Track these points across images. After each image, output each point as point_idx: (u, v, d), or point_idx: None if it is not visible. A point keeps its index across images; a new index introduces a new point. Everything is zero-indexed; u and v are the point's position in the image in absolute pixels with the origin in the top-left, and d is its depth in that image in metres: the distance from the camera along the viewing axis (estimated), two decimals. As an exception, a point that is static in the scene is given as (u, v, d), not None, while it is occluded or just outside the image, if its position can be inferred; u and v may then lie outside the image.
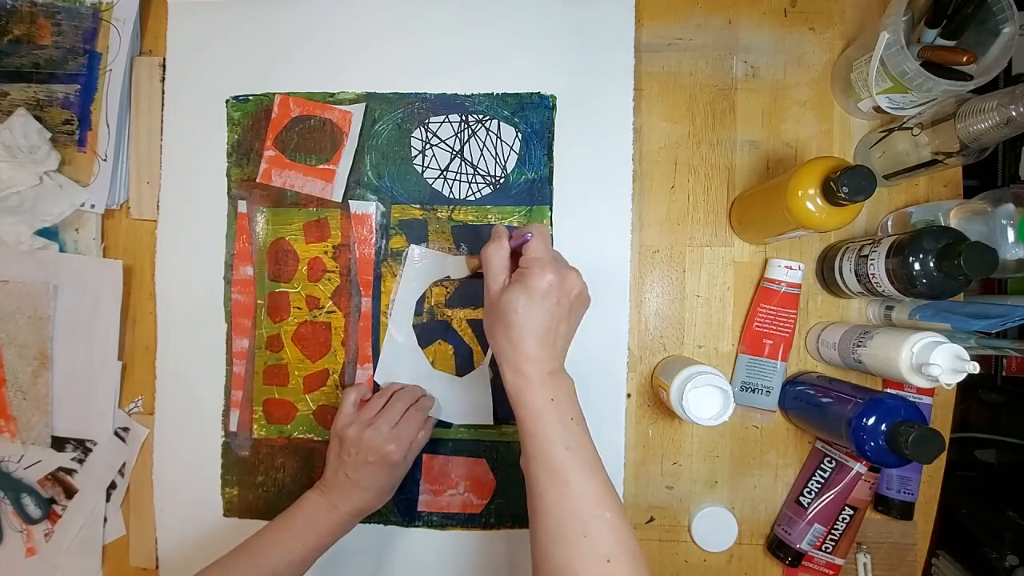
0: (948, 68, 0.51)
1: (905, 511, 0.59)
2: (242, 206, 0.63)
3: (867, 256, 0.52)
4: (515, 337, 0.44)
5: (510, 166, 0.62)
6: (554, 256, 0.47)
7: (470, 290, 0.62)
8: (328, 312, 0.62)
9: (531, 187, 0.61)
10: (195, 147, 0.63)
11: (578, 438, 0.43)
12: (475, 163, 0.62)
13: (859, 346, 0.53)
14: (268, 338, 0.63)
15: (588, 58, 0.61)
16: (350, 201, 0.62)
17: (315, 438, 0.63)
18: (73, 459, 0.64)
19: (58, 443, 0.64)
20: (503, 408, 0.62)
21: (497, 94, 0.62)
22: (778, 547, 0.59)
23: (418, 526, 0.62)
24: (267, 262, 0.63)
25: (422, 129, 0.62)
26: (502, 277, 0.46)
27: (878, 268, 0.50)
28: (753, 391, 0.60)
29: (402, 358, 0.62)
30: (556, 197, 0.61)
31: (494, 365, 0.62)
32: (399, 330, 0.62)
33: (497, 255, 0.47)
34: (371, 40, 0.63)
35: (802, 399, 0.58)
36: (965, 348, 0.47)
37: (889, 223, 0.59)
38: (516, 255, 0.48)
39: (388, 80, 0.62)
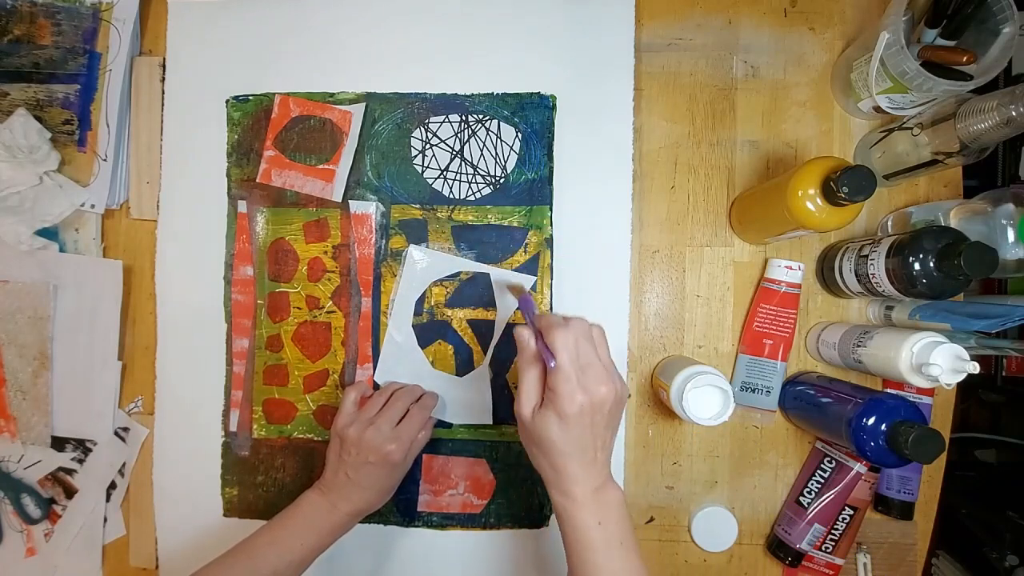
0: (948, 68, 0.51)
1: (905, 511, 0.59)
2: (242, 206, 0.63)
3: (867, 256, 0.52)
4: (556, 463, 0.42)
5: (510, 166, 0.62)
6: (582, 366, 0.42)
7: (470, 290, 0.62)
8: (328, 312, 0.62)
9: (531, 187, 0.61)
10: (195, 147, 0.63)
11: (625, 564, 0.42)
12: (475, 163, 0.62)
13: (859, 346, 0.53)
14: (268, 338, 0.63)
15: (588, 58, 0.61)
16: (350, 201, 0.62)
17: (315, 438, 0.63)
18: (73, 459, 0.64)
19: (58, 443, 0.64)
20: (503, 408, 0.62)
21: (497, 94, 0.62)
22: (778, 547, 0.59)
23: (418, 526, 0.62)
24: (267, 262, 0.63)
25: (422, 129, 0.62)
26: (533, 401, 0.43)
27: (878, 268, 0.50)
28: (753, 391, 0.60)
29: (402, 358, 0.62)
30: (556, 197, 0.61)
31: (494, 365, 0.62)
32: (399, 330, 0.62)
33: (529, 374, 0.44)
34: (371, 40, 0.63)
35: (802, 399, 0.58)
36: (965, 348, 0.47)
37: (889, 223, 0.59)
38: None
39: (388, 80, 0.62)
